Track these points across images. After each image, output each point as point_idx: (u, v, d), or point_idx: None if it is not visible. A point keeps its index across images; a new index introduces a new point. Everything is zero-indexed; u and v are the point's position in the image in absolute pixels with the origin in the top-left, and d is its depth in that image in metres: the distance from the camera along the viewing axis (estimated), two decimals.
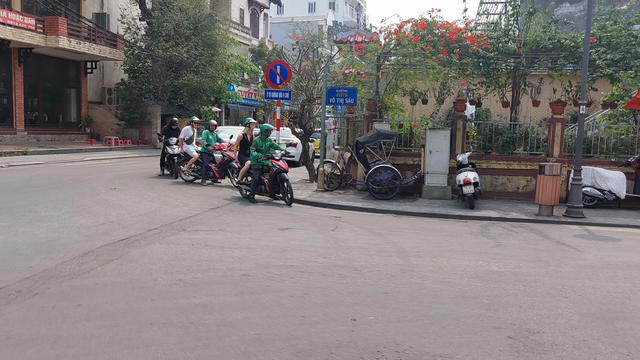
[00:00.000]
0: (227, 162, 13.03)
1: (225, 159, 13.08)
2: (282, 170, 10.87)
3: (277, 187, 10.99)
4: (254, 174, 11.05)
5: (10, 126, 22.21)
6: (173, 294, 4.84)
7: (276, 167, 10.83)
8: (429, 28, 12.77)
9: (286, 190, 10.82)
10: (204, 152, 13.13)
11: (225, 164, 13.08)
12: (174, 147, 14.19)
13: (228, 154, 12.98)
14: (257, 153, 10.97)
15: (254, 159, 11.03)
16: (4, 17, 19.78)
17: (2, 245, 6.16)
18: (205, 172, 13.14)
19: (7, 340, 3.65)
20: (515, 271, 6.29)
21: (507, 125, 13.15)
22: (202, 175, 13.15)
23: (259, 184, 11.09)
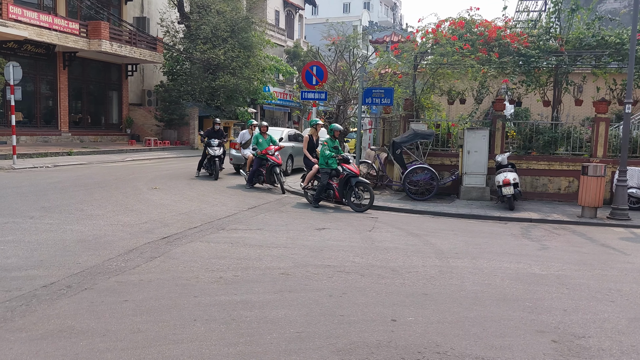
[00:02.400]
0: (272, 166, 12.39)
1: (269, 163, 12.41)
2: (354, 175, 10.28)
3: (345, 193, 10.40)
4: (322, 178, 10.47)
5: (56, 127, 23.04)
6: (214, 291, 4.94)
7: (347, 171, 10.28)
8: (468, 27, 12.60)
9: (359, 196, 10.20)
10: (255, 157, 12.61)
11: (271, 169, 12.44)
12: (215, 149, 14.04)
13: (273, 158, 12.31)
14: (329, 152, 10.45)
15: (323, 160, 10.52)
16: (50, 22, 20.55)
17: (53, 242, 6.42)
18: (253, 176, 12.65)
19: (60, 333, 3.81)
20: (559, 274, 6.15)
21: (548, 124, 12.84)
22: (248, 179, 12.73)
23: (326, 189, 10.57)
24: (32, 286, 4.75)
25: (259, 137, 12.52)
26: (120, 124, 27.18)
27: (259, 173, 12.58)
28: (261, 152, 12.34)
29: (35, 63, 21.79)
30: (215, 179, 13.82)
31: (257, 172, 12.56)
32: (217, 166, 13.90)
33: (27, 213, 8.13)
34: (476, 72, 12.23)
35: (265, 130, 12.80)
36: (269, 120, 40.34)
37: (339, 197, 10.53)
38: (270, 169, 12.33)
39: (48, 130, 22.57)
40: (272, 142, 12.36)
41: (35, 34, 19.72)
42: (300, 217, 9.26)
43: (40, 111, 22.50)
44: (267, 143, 12.45)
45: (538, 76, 13.07)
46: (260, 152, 12.36)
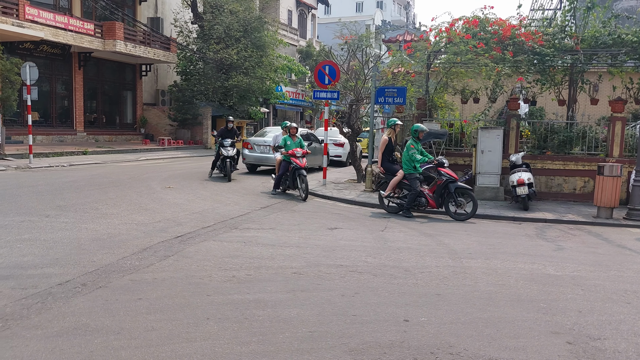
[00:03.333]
0: (295, 169, 11.52)
1: (292, 166, 11.52)
2: (453, 180, 9.55)
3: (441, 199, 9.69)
4: (412, 185, 9.63)
5: (71, 127, 23.31)
6: (227, 289, 4.96)
7: (446, 176, 9.56)
8: (482, 25, 12.51)
9: (459, 203, 9.46)
10: (283, 160, 11.76)
11: (294, 173, 11.55)
12: (228, 149, 13.62)
13: (297, 161, 11.40)
14: (422, 158, 9.67)
15: (410, 165, 9.70)
16: (66, 23, 20.79)
17: (68, 240, 6.49)
18: (279, 180, 11.82)
19: (75, 330, 3.85)
20: (574, 275, 6.08)
21: (564, 124, 12.71)
22: (274, 184, 11.91)
23: (418, 196, 9.71)
24: (48, 284, 4.81)
25: (288, 139, 11.79)
26: (135, 124, 27.42)
27: (286, 178, 11.76)
28: (286, 153, 11.55)
29: (51, 63, 22.07)
30: (228, 180, 13.49)
31: (284, 176, 11.74)
32: (228, 167, 13.51)
33: (43, 212, 8.23)
34: (490, 70, 12.15)
35: (294, 132, 11.99)
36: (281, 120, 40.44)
37: (434, 205, 9.72)
38: (293, 173, 11.53)
39: (63, 130, 22.84)
40: (300, 145, 11.71)
41: (51, 34, 19.97)
42: (312, 217, 9.26)
43: (55, 111, 22.78)
44: (295, 146, 11.71)
45: (553, 75, 12.94)
46: (286, 152, 11.57)
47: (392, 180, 9.92)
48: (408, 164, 9.75)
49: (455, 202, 9.55)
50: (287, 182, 11.70)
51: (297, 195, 11.52)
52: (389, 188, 9.93)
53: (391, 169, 10.24)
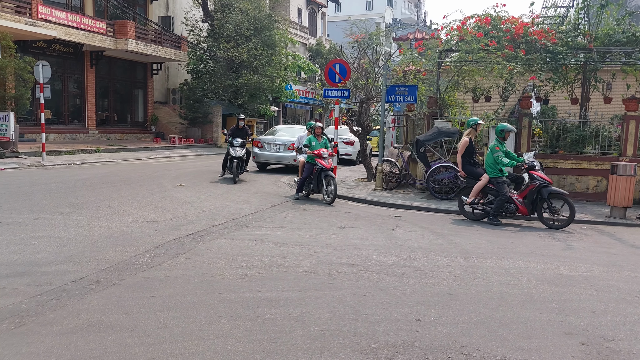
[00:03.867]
0: (320, 171, 10.76)
1: (317, 167, 10.79)
2: (547, 184, 8.91)
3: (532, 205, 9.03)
4: (500, 189, 8.97)
5: (83, 125, 23.52)
6: (239, 287, 4.98)
7: (540, 179, 8.93)
8: (494, 23, 12.43)
9: (554, 210, 8.84)
10: (307, 162, 11.04)
11: (319, 175, 10.81)
12: (237, 149, 12.93)
13: (322, 162, 10.70)
14: (510, 161, 9.00)
15: (496, 169, 9.04)
16: (78, 22, 20.97)
17: (81, 237, 6.55)
18: (302, 183, 11.12)
19: (89, 327, 3.89)
20: (587, 275, 6.03)
21: (576, 122, 12.60)
22: (297, 186, 11.26)
23: (507, 202, 9.04)
24: (62, 281, 4.86)
25: (313, 140, 11.04)
26: (146, 122, 27.59)
27: (310, 181, 11.01)
28: (311, 153, 10.80)
29: (63, 62, 22.27)
30: (234, 182, 12.73)
31: (308, 179, 10.98)
32: (235, 169, 12.76)
33: (56, 209, 8.32)
34: (502, 69, 12.07)
35: (319, 132, 11.23)
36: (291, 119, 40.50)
37: (524, 212, 9.04)
38: (318, 175, 10.78)
39: (76, 128, 23.05)
40: (326, 146, 11.06)
41: (64, 33, 20.15)
42: (322, 216, 9.27)
43: (68, 109, 22.99)
44: (321, 146, 11.01)
45: (566, 73, 12.84)
46: (311, 153, 10.83)
47: (476, 185, 9.25)
48: (493, 167, 9.07)
49: (549, 209, 8.90)
50: (312, 185, 10.96)
51: (322, 199, 10.85)
52: (473, 194, 9.25)
53: (474, 173, 9.56)
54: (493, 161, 9.05)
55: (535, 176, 8.97)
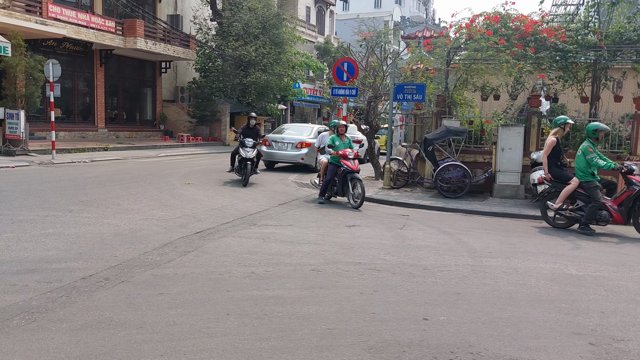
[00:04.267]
0: (346, 173, 10.14)
1: (343, 169, 10.15)
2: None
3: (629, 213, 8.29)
4: (593, 195, 8.27)
5: (93, 123, 23.67)
6: (247, 285, 5.00)
7: (638, 184, 8.16)
8: (503, 21, 12.36)
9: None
10: (330, 163, 10.41)
11: (345, 177, 10.19)
12: (248, 150, 12.02)
13: (348, 164, 10.06)
14: (607, 163, 8.30)
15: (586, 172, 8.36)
16: (87, 21, 21.09)
17: (91, 235, 6.61)
18: (326, 186, 10.45)
19: (98, 324, 3.92)
20: (596, 275, 5.99)
21: (586, 121, 12.49)
22: (320, 190, 10.58)
23: (600, 209, 8.36)
24: (72, 278, 4.90)
25: (336, 139, 10.38)
26: (154, 120, 27.72)
27: (333, 183, 10.38)
28: (336, 154, 10.13)
29: (73, 60, 22.41)
30: (244, 184, 11.98)
31: (332, 181, 10.36)
32: (249, 171, 11.98)
33: (66, 207, 8.39)
34: (511, 67, 11.99)
35: (343, 131, 10.58)
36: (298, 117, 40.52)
37: (619, 220, 8.30)
38: (343, 177, 10.17)
39: (85, 126, 23.21)
40: (350, 146, 10.43)
41: (74, 32, 20.27)
42: (330, 214, 9.27)
43: (77, 107, 23.15)
44: (345, 146, 10.34)
45: (576, 72, 12.73)
46: (336, 153, 10.15)
47: (565, 190, 8.48)
48: (584, 171, 8.38)
49: None
50: (335, 188, 10.36)
51: (347, 202, 10.20)
52: (561, 199, 8.49)
53: (562, 176, 8.74)
54: (585, 164, 8.37)
55: (634, 181, 8.25)
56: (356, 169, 10.12)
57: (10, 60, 16.27)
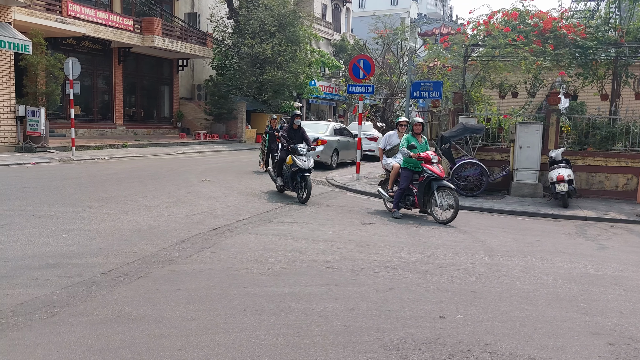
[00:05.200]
0: (432, 181, 8.59)
1: (427, 175, 8.58)
2: None
3: None
4: None
5: (111, 121, 23.96)
6: (263, 282, 5.04)
7: None
8: (521, 18, 12.23)
9: None
10: (403, 168, 8.91)
11: (429, 185, 8.63)
12: (303, 159, 9.82)
13: (433, 169, 8.53)
14: None
15: None
16: (106, 19, 21.34)
17: (110, 231, 6.71)
18: (400, 195, 8.88)
19: (118, 318, 3.99)
20: (615, 275, 5.92)
21: (606, 119, 12.32)
22: (394, 201, 8.94)
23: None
24: (92, 273, 4.99)
25: (412, 140, 8.82)
26: (172, 118, 27.96)
27: (409, 192, 8.87)
28: (418, 156, 8.60)
29: (92, 59, 22.69)
30: (304, 201, 9.74)
31: (407, 190, 8.86)
32: (310, 185, 9.76)
33: (86, 203, 8.52)
34: (530, 64, 11.87)
35: (419, 130, 8.96)
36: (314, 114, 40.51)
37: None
38: (427, 185, 8.61)
39: (104, 124, 23.50)
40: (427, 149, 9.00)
41: (93, 30, 20.53)
42: (345, 212, 9.28)
43: (96, 105, 23.44)
44: (424, 148, 8.88)
45: (596, 69, 12.55)
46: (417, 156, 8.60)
47: None
48: None
49: None
50: (411, 198, 8.84)
51: (428, 215, 8.87)
52: None
53: None
54: None
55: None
56: (443, 175, 8.67)
57: (31, 59, 16.55)
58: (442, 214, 8.52)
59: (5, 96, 16.34)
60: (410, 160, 8.69)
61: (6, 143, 16.33)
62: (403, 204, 8.95)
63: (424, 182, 8.60)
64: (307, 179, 9.76)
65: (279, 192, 10.69)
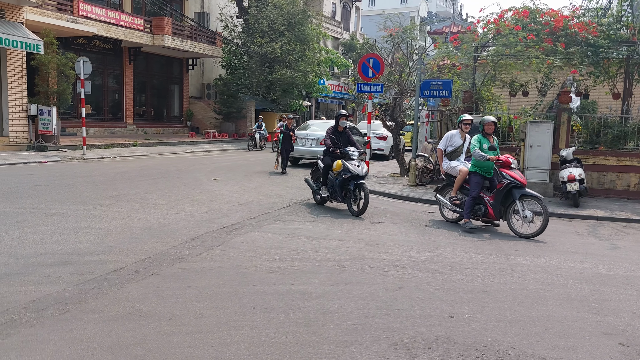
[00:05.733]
0: (512, 188, 7.61)
1: (508, 182, 7.57)
2: None
3: None
4: None
5: (122, 120, 24.13)
6: (273, 280, 5.05)
7: None
8: (532, 16, 12.15)
9: None
10: (473, 173, 7.88)
11: (509, 193, 7.64)
12: (355, 165, 8.64)
13: (516, 177, 7.60)
14: None
15: None
16: (117, 19, 21.48)
17: (121, 229, 6.76)
18: (472, 204, 7.83)
19: (129, 315, 4.02)
20: (627, 275, 5.86)
21: (618, 118, 12.21)
22: (465, 211, 7.89)
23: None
24: (103, 270, 5.03)
25: (484, 141, 7.80)
26: (181, 117, 28.10)
27: (479, 201, 7.86)
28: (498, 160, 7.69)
29: (103, 58, 22.85)
30: (359, 213, 8.58)
31: (478, 199, 7.85)
32: (367, 195, 8.53)
33: (97, 201, 8.59)
34: (541, 63, 11.78)
35: (491, 130, 7.87)
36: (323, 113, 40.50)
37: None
38: (506, 193, 7.63)
39: (114, 123, 23.67)
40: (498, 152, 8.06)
41: (104, 30, 20.68)
42: None
43: (107, 104, 23.62)
44: (495, 151, 7.86)
45: (607, 67, 12.44)
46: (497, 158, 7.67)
47: None
48: None
49: None
50: (482, 207, 7.86)
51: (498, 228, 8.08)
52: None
53: None
54: None
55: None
56: (526, 182, 7.75)
57: (42, 58, 16.70)
58: (525, 227, 7.53)
59: (17, 95, 16.51)
60: (483, 164, 7.75)
61: (18, 142, 16.50)
62: (475, 213, 7.94)
63: (502, 190, 7.62)
64: (363, 187, 8.59)
65: (318, 204, 9.48)
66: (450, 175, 8.50)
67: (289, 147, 14.19)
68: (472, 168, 7.94)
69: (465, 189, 8.12)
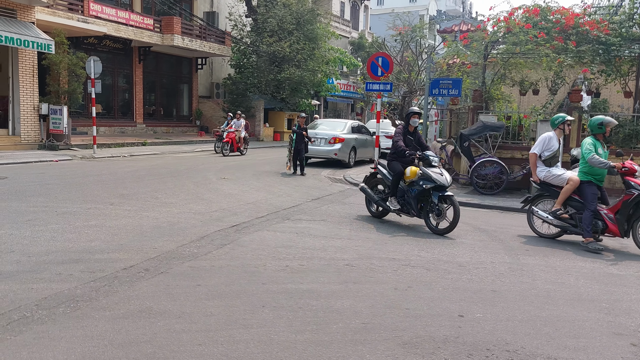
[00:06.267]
0: None
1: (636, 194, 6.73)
2: None
3: None
4: None
5: (131, 119, 24.27)
6: (281, 279, 5.06)
7: None
8: (543, 14, 12.07)
9: None
10: (587, 182, 7.03)
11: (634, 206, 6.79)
12: (438, 172, 7.49)
13: None
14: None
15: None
16: (127, 19, 21.61)
17: (131, 227, 6.81)
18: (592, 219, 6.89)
19: (139, 313, 4.05)
20: (639, 275, 5.81)
21: (629, 117, 12.09)
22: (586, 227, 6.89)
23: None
24: (114, 268, 5.07)
25: (599, 145, 7.02)
26: (191, 116, 28.21)
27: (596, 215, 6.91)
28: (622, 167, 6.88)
29: (113, 57, 23.00)
30: (444, 232, 7.35)
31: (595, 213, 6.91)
32: (458, 209, 7.24)
33: (107, 200, 8.65)
34: (551, 61, 11.70)
35: (608, 133, 7.16)
36: (332, 112, 40.47)
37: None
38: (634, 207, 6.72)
39: (124, 122, 23.81)
40: None
41: (114, 29, 20.81)
42: (363, 209, 9.23)
43: (117, 103, 23.77)
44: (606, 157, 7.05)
45: (619, 65, 12.32)
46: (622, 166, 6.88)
47: None
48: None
49: None
50: (599, 222, 6.91)
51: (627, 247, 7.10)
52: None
53: None
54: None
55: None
56: None
57: (53, 58, 16.84)
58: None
59: (28, 95, 16.66)
60: (598, 171, 6.90)
61: (30, 141, 16.66)
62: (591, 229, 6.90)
63: (631, 202, 6.70)
64: (452, 199, 7.30)
65: (376, 218, 8.33)
66: (548, 184, 7.48)
67: (302, 148, 13.63)
68: (584, 177, 7.00)
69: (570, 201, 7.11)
